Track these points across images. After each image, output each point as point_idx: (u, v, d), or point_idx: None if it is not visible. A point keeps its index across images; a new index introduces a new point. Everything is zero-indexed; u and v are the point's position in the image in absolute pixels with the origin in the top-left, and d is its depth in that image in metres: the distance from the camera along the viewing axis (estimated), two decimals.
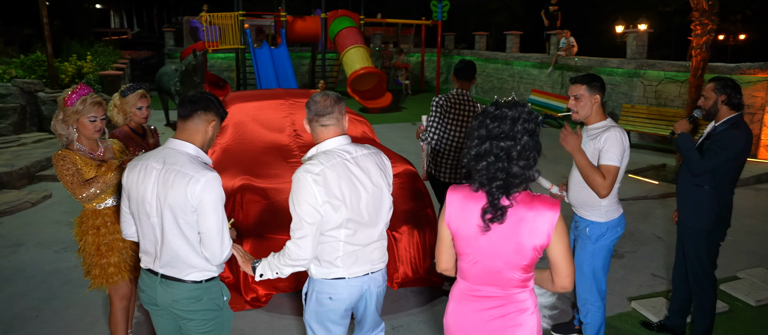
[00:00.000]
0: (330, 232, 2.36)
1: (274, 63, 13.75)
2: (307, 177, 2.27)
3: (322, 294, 2.45)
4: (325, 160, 2.33)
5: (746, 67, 9.38)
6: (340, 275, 2.42)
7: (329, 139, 2.40)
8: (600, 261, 3.32)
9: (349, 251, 2.41)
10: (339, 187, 2.31)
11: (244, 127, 5.68)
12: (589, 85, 3.18)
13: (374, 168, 2.45)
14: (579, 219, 3.40)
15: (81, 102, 2.94)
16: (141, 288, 2.48)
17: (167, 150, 2.36)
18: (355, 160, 2.40)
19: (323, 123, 2.39)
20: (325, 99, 2.41)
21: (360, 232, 2.42)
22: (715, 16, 7.58)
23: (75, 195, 2.92)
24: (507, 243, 1.93)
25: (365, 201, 2.40)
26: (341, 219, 2.34)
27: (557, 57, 13.07)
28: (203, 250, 2.34)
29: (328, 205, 2.29)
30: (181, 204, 2.25)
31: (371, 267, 2.49)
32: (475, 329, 2.04)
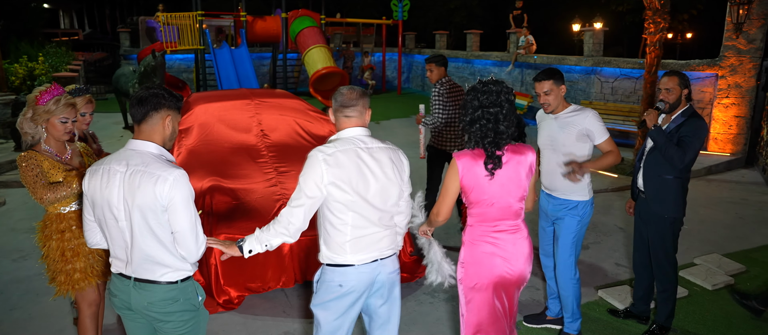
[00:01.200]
0: (338, 215, 2.47)
1: (234, 64, 13.53)
2: (318, 155, 2.43)
3: (332, 282, 2.53)
4: (340, 145, 2.48)
5: (696, 64, 9.78)
6: (348, 261, 2.50)
7: (349, 128, 2.54)
8: (581, 237, 3.62)
9: (357, 236, 2.49)
10: (347, 172, 2.43)
11: (210, 128, 5.58)
12: (554, 78, 3.49)
13: (387, 161, 2.55)
14: (564, 201, 3.59)
15: (54, 102, 2.85)
16: (113, 293, 2.42)
17: (128, 151, 2.32)
18: (368, 150, 2.52)
19: (347, 114, 2.54)
20: (351, 92, 2.55)
21: (368, 220, 2.50)
22: (667, 14, 7.88)
23: (36, 196, 2.82)
24: (512, 182, 2.61)
25: (374, 190, 2.50)
26: (347, 201, 2.44)
27: (517, 55, 13.32)
28: (179, 249, 2.31)
29: (334, 186, 2.42)
30: (150, 204, 2.21)
31: (379, 254, 2.56)
32: (500, 256, 2.65)
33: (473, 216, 2.68)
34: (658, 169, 3.61)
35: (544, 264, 3.93)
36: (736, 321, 4.10)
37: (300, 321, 4.01)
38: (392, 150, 2.61)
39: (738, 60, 9.36)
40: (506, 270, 2.65)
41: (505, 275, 2.66)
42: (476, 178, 2.57)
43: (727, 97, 9.54)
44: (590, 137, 3.49)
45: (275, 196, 4.44)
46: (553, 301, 3.91)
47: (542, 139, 3.68)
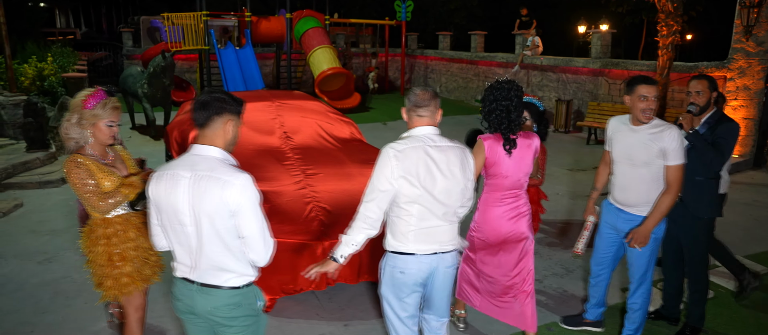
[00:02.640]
0: (404, 206, 2.63)
1: (240, 64, 13.49)
2: (390, 151, 2.61)
3: (394, 268, 2.72)
4: (410, 142, 2.65)
5: (704, 66, 9.84)
6: (410, 250, 2.67)
7: (420, 127, 2.70)
8: (656, 253, 3.53)
9: (421, 228, 2.66)
10: (416, 167, 2.60)
11: None
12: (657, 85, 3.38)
13: (455, 160, 2.71)
14: (636, 218, 3.46)
15: (101, 105, 2.85)
16: (177, 297, 2.41)
17: (193, 156, 2.32)
18: (438, 148, 2.68)
19: (419, 113, 2.71)
20: (424, 93, 2.72)
21: (432, 213, 2.66)
22: (680, 17, 7.94)
23: (89, 204, 2.81)
24: (523, 161, 3.27)
25: (441, 186, 2.65)
26: (415, 195, 2.61)
27: (523, 56, 13.36)
28: (248, 253, 2.32)
29: (404, 180, 2.59)
30: (218, 209, 2.21)
31: (440, 247, 2.73)
32: (506, 219, 3.34)
33: (488, 186, 3.36)
34: (690, 172, 3.61)
35: (593, 272, 3.87)
36: (767, 322, 4.13)
37: (335, 324, 4.02)
38: (460, 149, 2.78)
39: (747, 62, 9.42)
40: (509, 229, 3.33)
41: (508, 233, 3.34)
42: (497, 156, 3.20)
43: (735, 99, 9.60)
44: (664, 156, 3.30)
45: (306, 199, 4.43)
46: (593, 308, 3.92)
47: (618, 151, 3.51)
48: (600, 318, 3.93)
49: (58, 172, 7.64)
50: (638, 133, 3.36)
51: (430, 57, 18.33)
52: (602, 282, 3.82)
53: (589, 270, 3.96)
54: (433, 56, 18.12)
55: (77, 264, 4.92)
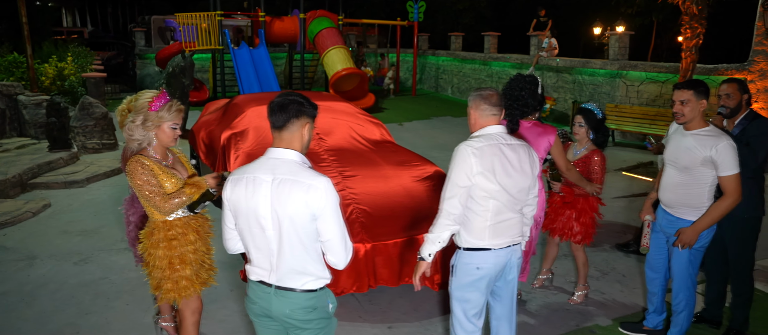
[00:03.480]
0: (480, 202, 2.70)
1: (254, 64, 13.50)
2: (467, 149, 2.68)
3: (469, 265, 2.77)
4: (485, 140, 2.73)
5: (724, 68, 9.83)
6: (486, 245, 2.75)
7: (490, 126, 2.79)
8: (698, 259, 3.49)
9: (496, 222, 2.74)
10: (492, 164, 2.68)
11: (265, 132, 5.57)
12: (695, 89, 3.25)
13: (525, 157, 2.82)
14: (677, 220, 3.44)
15: (167, 108, 2.86)
16: (252, 300, 2.41)
17: (271, 160, 2.31)
18: (509, 146, 2.78)
19: (487, 113, 2.79)
20: (492, 93, 2.80)
21: (505, 208, 2.75)
22: (705, 19, 7.92)
23: (155, 207, 2.81)
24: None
25: (514, 182, 2.74)
26: (492, 190, 2.69)
27: (538, 57, 13.35)
28: (329, 256, 2.33)
29: (482, 176, 2.66)
30: (300, 213, 2.21)
31: (512, 240, 2.83)
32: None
33: None
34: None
35: (648, 277, 3.85)
36: None
37: (379, 326, 4.02)
38: (527, 147, 2.87)
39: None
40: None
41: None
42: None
43: (755, 101, 9.58)
44: (715, 167, 3.24)
45: (346, 201, 4.43)
46: (652, 315, 3.90)
47: (667, 153, 3.51)
48: (659, 326, 3.89)
49: (83, 172, 7.65)
50: (686, 137, 3.33)
51: (441, 58, 18.32)
52: (657, 288, 3.80)
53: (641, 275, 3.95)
54: (444, 56, 18.12)
55: (114, 266, 4.92)
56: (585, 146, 4.17)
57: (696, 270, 3.57)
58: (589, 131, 4.10)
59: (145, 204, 2.91)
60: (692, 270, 3.54)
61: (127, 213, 3.72)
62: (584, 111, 4.09)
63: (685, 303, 3.58)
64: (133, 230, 3.60)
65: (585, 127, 4.08)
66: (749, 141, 3.55)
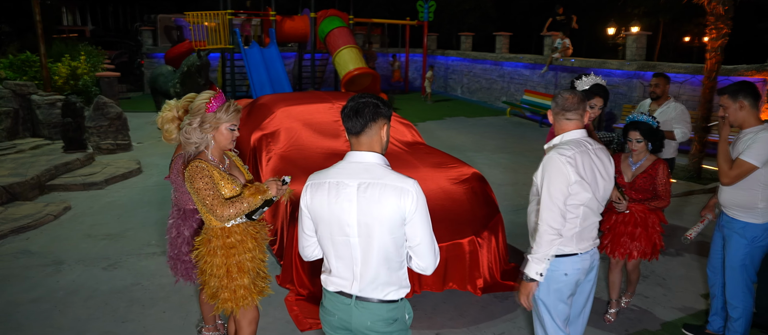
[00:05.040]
0: (572, 210, 2.63)
1: (265, 64, 13.35)
2: (562, 158, 2.57)
3: (557, 272, 2.69)
4: (575, 146, 2.63)
5: (743, 69, 9.74)
6: (573, 251, 2.69)
7: (573, 130, 2.70)
8: (753, 262, 3.42)
9: (583, 228, 2.69)
10: (584, 171, 2.60)
11: (296, 133, 5.46)
12: (727, 93, 3.37)
13: (607, 161, 2.76)
14: (731, 220, 3.45)
15: (225, 109, 2.74)
16: (330, 312, 2.29)
17: (353, 164, 2.20)
18: (595, 151, 2.70)
19: (568, 117, 2.71)
20: (572, 97, 2.70)
21: (592, 212, 2.71)
22: (731, 20, 7.82)
23: (214, 214, 2.68)
24: None
25: (602, 187, 2.70)
26: (585, 198, 2.62)
27: (552, 58, 13.25)
28: (417, 261, 2.21)
29: (578, 185, 2.58)
30: (392, 218, 2.10)
31: (593, 244, 2.79)
32: None
33: None
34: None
35: (709, 279, 3.80)
36: None
37: (426, 332, 3.91)
38: (605, 150, 2.81)
39: None
40: None
41: None
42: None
43: None
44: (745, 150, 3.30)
45: None
46: (714, 317, 3.81)
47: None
48: (722, 330, 3.80)
49: (101, 174, 7.52)
50: (738, 135, 3.44)
51: (450, 57, 18.22)
52: (718, 290, 3.71)
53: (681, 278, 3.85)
54: (454, 57, 18.01)
55: (145, 271, 4.80)
56: (644, 157, 3.89)
57: (751, 275, 3.48)
58: (647, 143, 3.85)
59: (203, 211, 2.79)
60: (746, 274, 3.46)
61: (179, 225, 3.41)
62: (639, 125, 3.81)
63: (742, 309, 3.49)
64: (183, 244, 3.37)
65: (643, 141, 3.82)
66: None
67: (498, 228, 4.64)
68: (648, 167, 3.84)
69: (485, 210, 4.64)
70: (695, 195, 7.46)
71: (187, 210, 3.36)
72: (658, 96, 5.42)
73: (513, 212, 6.16)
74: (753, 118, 3.32)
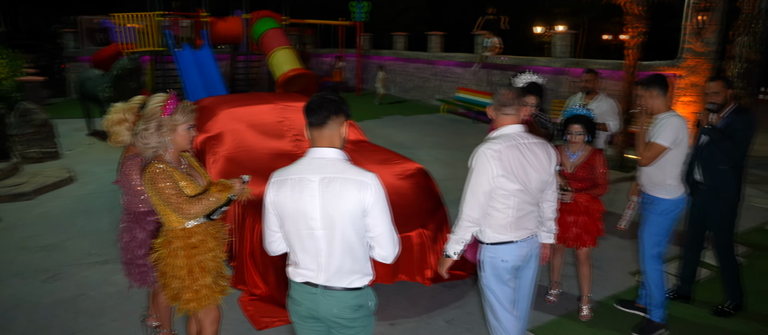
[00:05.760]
0: (503, 201, 2.79)
1: (198, 66, 13.06)
2: (488, 153, 2.75)
3: (495, 258, 2.90)
4: (504, 141, 2.79)
5: (657, 64, 10.51)
6: (510, 239, 2.87)
7: (509, 125, 2.84)
8: (661, 232, 3.85)
9: (518, 217, 2.85)
10: (511, 164, 2.75)
11: (242, 135, 5.46)
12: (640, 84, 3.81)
13: (543, 155, 2.88)
14: (646, 196, 3.89)
15: (181, 110, 2.76)
16: (298, 302, 2.39)
17: (314, 160, 2.31)
18: (527, 145, 2.84)
19: (505, 112, 2.86)
20: (509, 93, 2.85)
21: (526, 203, 2.86)
22: (646, 19, 8.44)
23: (182, 212, 2.69)
24: None
25: (533, 179, 2.83)
26: (514, 189, 2.77)
27: (483, 56, 13.73)
28: (378, 250, 2.35)
29: (504, 178, 2.74)
30: (354, 210, 2.23)
31: (530, 232, 2.95)
32: None
33: None
34: (713, 161, 3.95)
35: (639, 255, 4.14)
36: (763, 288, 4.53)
37: (382, 323, 4.04)
38: (544, 145, 2.94)
39: (695, 61, 10.11)
40: None
41: None
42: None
43: (685, 95, 10.31)
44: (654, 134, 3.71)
45: None
46: (643, 291, 4.17)
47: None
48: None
49: (29, 184, 7.17)
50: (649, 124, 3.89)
51: (385, 57, 18.46)
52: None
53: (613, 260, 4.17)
54: (388, 56, 18.26)
55: (88, 281, 4.66)
56: (581, 149, 4.02)
57: (662, 247, 3.89)
58: (586, 135, 3.98)
59: (164, 212, 2.80)
60: (657, 246, 3.88)
61: (131, 229, 3.33)
62: (581, 118, 3.95)
63: (655, 278, 3.90)
64: (137, 248, 3.30)
65: (583, 134, 3.95)
66: (733, 134, 3.85)
67: (443, 221, 4.83)
68: (587, 157, 3.99)
69: (431, 204, 4.82)
70: (621, 183, 8.01)
71: (139, 213, 3.32)
72: (590, 90, 5.76)
73: (454, 205, 6.38)
74: (663, 105, 3.74)
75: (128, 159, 3.24)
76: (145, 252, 3.24)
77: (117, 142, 3.28)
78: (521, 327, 3.18)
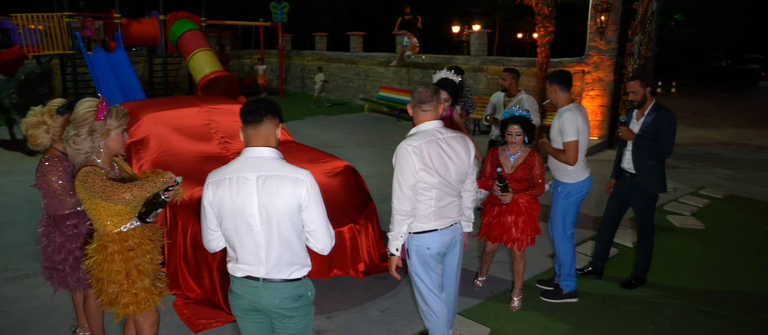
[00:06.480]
0: (425, 193, 2.97)
1: (113, 70, 12.51)
2: (408, 149, 2.90)
3: (421, 246, 3.08)
4: (423, 136, 2.94)
5: (567, 61, 11.23)
6: (432, 227, 3.05)
7: (427, 122, 3.00)
8: (569, 214, 4.23)
9: (439, 207, 3.02)
10: (430, 158, 2.91)
11: (167, 139, 5.38)
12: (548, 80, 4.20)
13: (461, 148, 3.06)
14: (554, 182, 4.28)
15: (114, 115, 2.76)
16: (239, 296, 2.47)
17: (250, 159, 2.40)
18: (445, 139, 3.01)
19: (424, 109, 3.01)
20: (426, 90, 3.01)
21: (446, 194, 3.03)
22: (555, 19, 9.04)
23: (116, 197, 2.65)
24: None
25: (453, 171, 3.01)
26: (434, 182, 2.94)
27: (403, 55, 14.07)
28: (315, 243, 2.48)
29: (424, 172, 2.90)
30: (290, 205, 2.34)
31: (453, 221, 3.14)
32: None
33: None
34: (643, 158, 4.36)
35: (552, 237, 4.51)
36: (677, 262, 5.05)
37: (318, 317, 4.15)
38: (462, 138, 3.12)
39: (600, 58, 10.93)
40: None
41: None
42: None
43: (592, 89, 11.10)
44: (561, 133, 4.12)
45: None
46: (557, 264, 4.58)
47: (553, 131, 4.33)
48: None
49: None
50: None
51: (306, 58, 18.45)
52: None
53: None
54: (310, 57, 18.27)
55: (7, 298, 4.44)
56: (520, 149, 4.03)
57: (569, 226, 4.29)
58: (524, 136, 3.98)
59: (98, 216, 2.78)
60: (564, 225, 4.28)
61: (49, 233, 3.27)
62: (518, 119, 3.93)
63: (565, 255, 4.31)
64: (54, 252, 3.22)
65: (523, 135, 3.95)
66: (658, 135, 4.23)
67: (373, 215, 5.00)
68: (526, 158, 3.99)
69: (360, 199, 4.99)
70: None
71: (58, 216, 3.25)
72: (506, 89, 6.02)
73: (381, 201, 6.60)
74: (565, 99, 4.14)
75: (46, 160, 3.17)
76: (64, 257, 3.20)
77: (35, 145, 3.22)
78: (450, 310, 3.41)
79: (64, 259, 3.22)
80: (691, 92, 22.07)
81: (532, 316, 4.21)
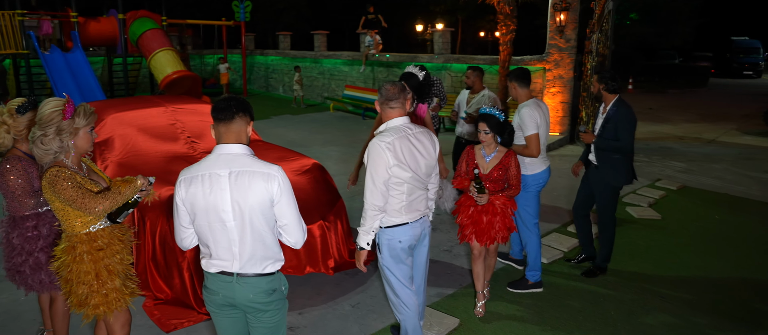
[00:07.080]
0: (396, 187, 3.04)
1: (71, 71, 12.17)
2: (381, 144, 2.95)
3: (392, 240, 3.15)
4: (394, 133, 3.01)
5: (528, 59, 11.49)
6: (403, 221, 3.13)
7: (396, 118, 3.07)
8: (530, 205, 4.41)
9: (409, 201, 3.11)
10: (402, 154, 2.99)
11: (132, 139, 5.31)
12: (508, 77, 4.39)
13: (428, 142, 3.16)
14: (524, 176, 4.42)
15: (82, 113, 2.74)
16: (214, 292, 2.50)
17: (221, 155, 2.43)
18: (414, 135, 3.09)
19: (391, 106, 3.08)
20: (393, 87, 3.08)
21: (416, 188, 3.13)
22: (516, 18, 9.24)
23: (87, 208, 2.66)
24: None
25: (423, 165, 3.10)
26: (406, 177, 3.02)
27: (367, 53, 14.13)
28: (287, 237, 2.52)
29: (397, 167, 2.97)
30: (263, 201, 2.38)
31: (422, 214, 3.24)
32: None
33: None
34: (608, 153, 4.54)
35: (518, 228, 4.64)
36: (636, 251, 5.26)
37: (290, 313, 4.19)
38: (428, 133, 3.21)
39: (559, 56, 11.22)
40: None
41: None
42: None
43: (553, 86, 11.39)
44: (522, 128, 4.32)
45: None
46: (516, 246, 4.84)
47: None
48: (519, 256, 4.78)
49: None
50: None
51: (270, 57, 18.32)
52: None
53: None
54: (273, 56, 18.15)
55: None
56: (496, 149, 3.95)
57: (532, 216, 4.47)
58: (496, 135, 3.88)
59: (65, 217, 2.75)
60: (527, 215, 4.45)
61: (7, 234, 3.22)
62: (486, 117, 3.83)
63: (531, 244, 4.47)
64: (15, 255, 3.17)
65: (491, 133, 3.85)
66: (617, 134, 4.39)
67: (341, 212, 5.05)
68: (502, 158, 3.93)
69: (328, 197, 5.03)
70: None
71: (18, 217, 3.20)
72: (470, 86, 6.12)
73: (349, 198, 6.66)
74: (524, 94, 4.34)
75: (6, 161, 3.12)
76: (24, 259, 3.16)
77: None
78: (420, 301, 3.50)
79: (24, 261, 3.18)
80: (646, 88, 22.85)
81: (500, 306, 4.34)
